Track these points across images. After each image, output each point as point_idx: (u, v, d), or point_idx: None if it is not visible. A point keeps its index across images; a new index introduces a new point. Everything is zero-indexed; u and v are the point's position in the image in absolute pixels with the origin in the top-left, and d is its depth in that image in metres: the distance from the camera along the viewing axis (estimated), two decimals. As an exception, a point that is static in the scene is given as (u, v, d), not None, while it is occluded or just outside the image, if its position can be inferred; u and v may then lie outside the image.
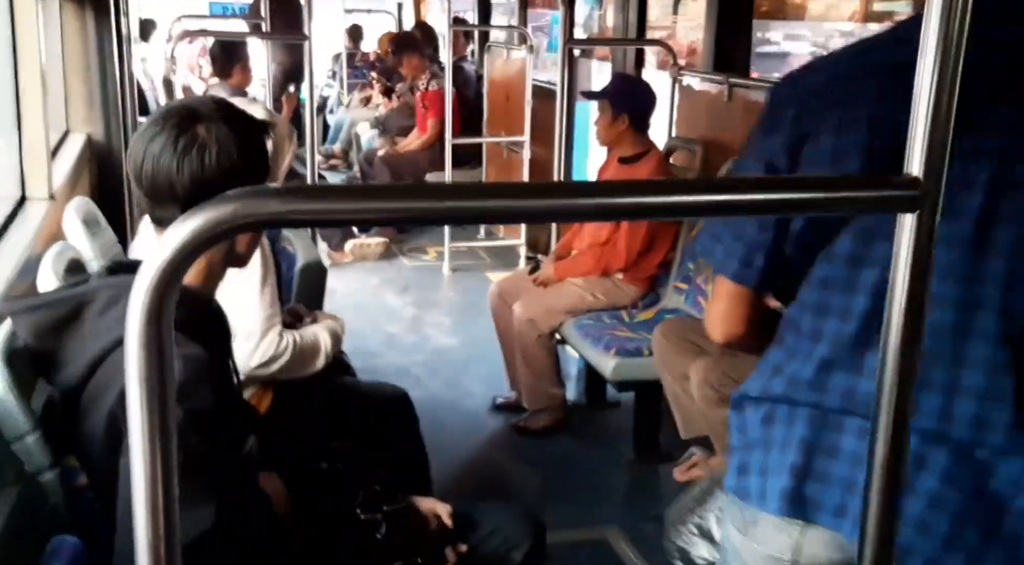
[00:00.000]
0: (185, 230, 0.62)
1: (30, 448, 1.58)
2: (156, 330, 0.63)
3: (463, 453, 3.52)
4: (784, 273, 1.32)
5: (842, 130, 1.21)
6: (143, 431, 0.65)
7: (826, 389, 1.27)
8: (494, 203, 0.69)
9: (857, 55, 1.32)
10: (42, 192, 2.64)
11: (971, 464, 1.20)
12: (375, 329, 4.78)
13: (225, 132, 1.44)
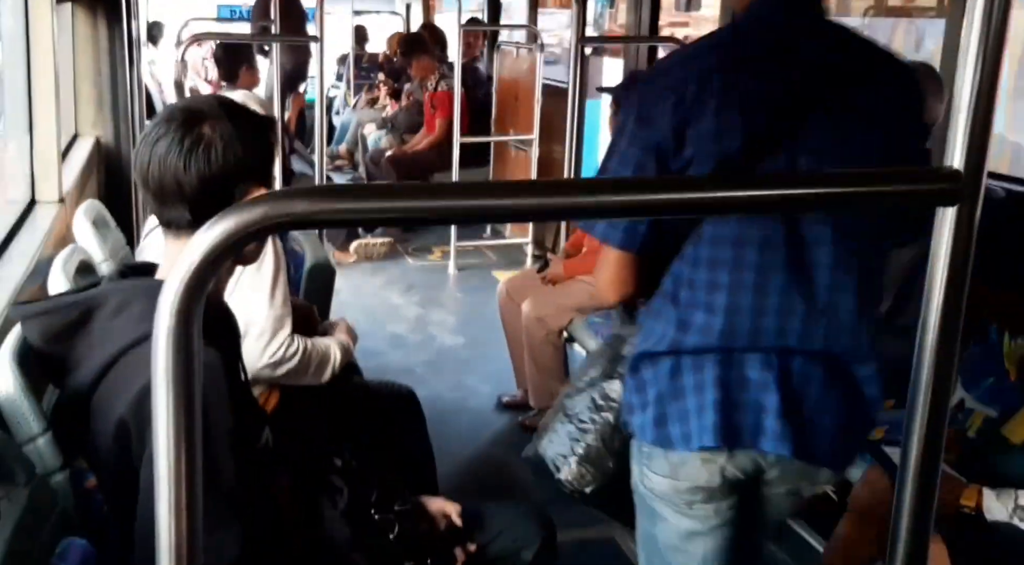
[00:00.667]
0: (215, 233, 0.63)
1: (41, 450, 1.59)
2: (185, 333, 0.64)
3: (469, 452, 3.51)
4: (665, 235, 1.51)
5: (720, 114, 1.44)
6: (169, 434, 0.66)
7: (735, 333, 1.48)
8: (529, 201, 0.69)
9: (714, 52, 1.57)
10: (52, 195, 2.65)
11: (840, 372, 1.54)
12: (380, 329, 4.78)
13: (230, 130, 1.43)
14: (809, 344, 1.50)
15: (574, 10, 4.05)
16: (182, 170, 1.41)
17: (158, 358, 0.64)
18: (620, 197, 0.71)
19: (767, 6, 1.55)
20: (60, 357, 1.47)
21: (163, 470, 0.67)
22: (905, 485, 0.78)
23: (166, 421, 0.66)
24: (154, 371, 0.65)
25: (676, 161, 1.47)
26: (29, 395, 1.58)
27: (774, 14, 1.54)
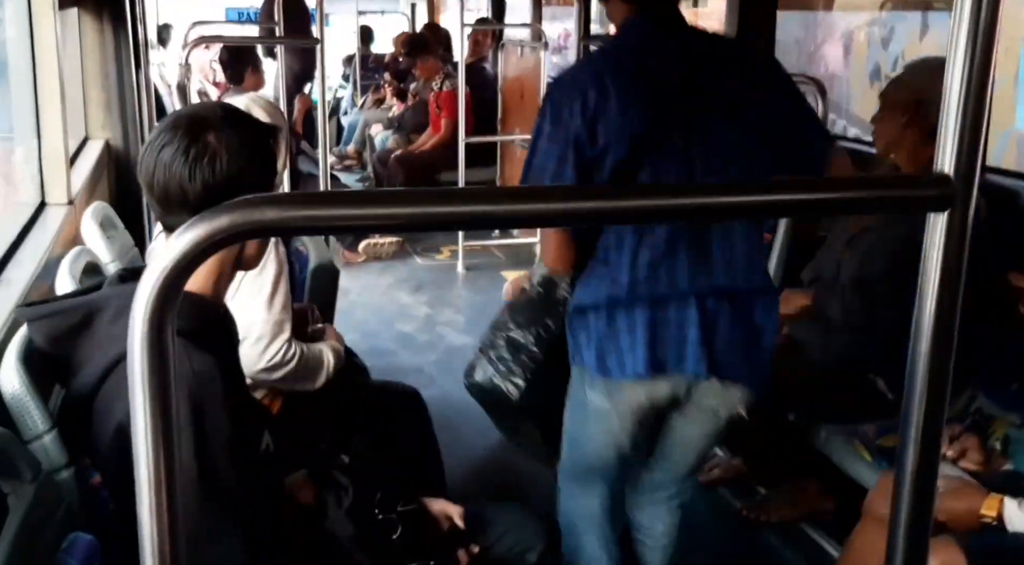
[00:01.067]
0: (185, 239, 0.63)
1: (47, 447, 1.61)
2: (158, 337, 0.64)
3: (476, 453, 3.51)
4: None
5: (621, 110, 1.82)
6: (146, 435, 0.67)
7: (657, 281, 1.88)
8: (479, 207, 0.69)
9: (604, 61, 2.00)
10: (61, 197, 2.67)
11: (742, 305, 1.93)
12: (388, 328, 4.79)
13: (234, 139, 1.45)
14: (716, 285, 1.91)
15: (577, 8, 4.04)
16: (187, 178, 1.42)
17: (133, 365, 0.65)
18: (625, 203, 0.71)
19: (638, 25, 1.96)
20: (65, 358, 1.49)
21: (143, 473, 0.67)
22: (902, 488, 0.78)
23: (143, 427, 0.66)
24: (130, 378, 0.66)
25: (592, 150, 1.84)
26: (35, 394, 1.60)
27: (645, 30, 1.95)
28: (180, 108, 3.34)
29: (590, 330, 1.95)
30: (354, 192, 0.97)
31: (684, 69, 1.92)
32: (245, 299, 2.17)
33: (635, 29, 1.97)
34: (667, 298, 1.89)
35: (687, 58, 1.94)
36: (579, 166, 1.84)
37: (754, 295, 1.96)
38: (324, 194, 0.70)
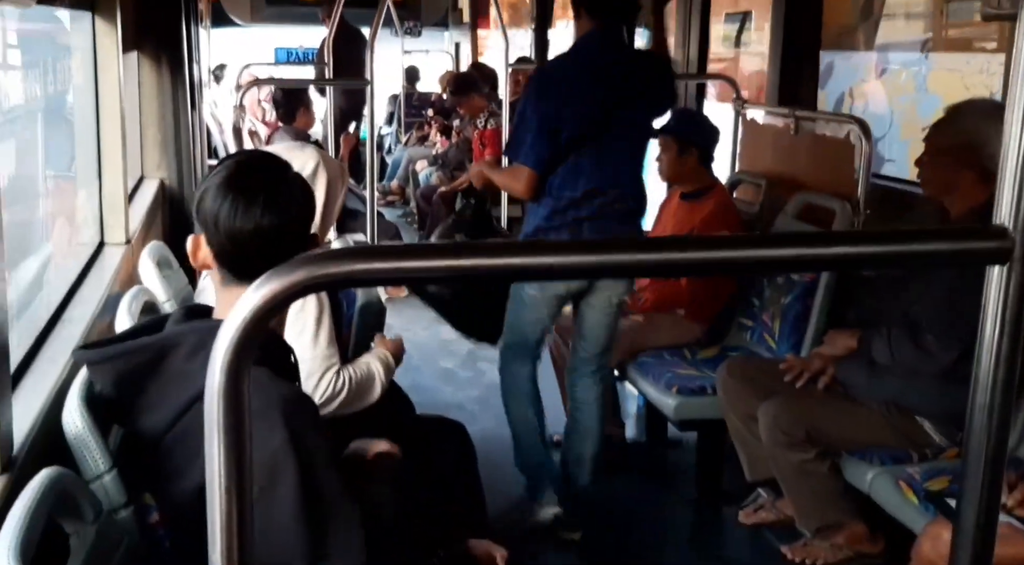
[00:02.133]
0: (260, 295, 0.67)
1: (107, 487, 1.63)
2: (236, 391, 0.68)
3: (518, 491, 3.49)
4: (552, 164, 2.86)
5: (576, 101, 2.81)
6: (220, 479, 0.70)
7: (580, 206, 2.86)
8: (540, 260, 0.72)
9: (572, 62, 2.94)
10: (119, 237, 2.74)
11: (631, 210, 2.96)
12: (431, 364, 4.80)
13: (284, 190, 1.52)
14: (619, 210, 2.92)
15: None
16: (239, 225, 1.47)
17: (211, 416, 0.68)
18: (675, 255, 0.73)
19: (591, 40, 2.90)
20: (129, 399, 1.52)
21: (215, 518, 0.70)
22: (963, 538, 0.78)
23: (218, 473, 0.69)
24: (207, 429, 0.69)
25: (557, 131, 2.81)
26: (96, 434, 1.63)
27: (599, 45, 2.89)
28: (235, 151, 3.41)
29: (536, 237, 2.91)
30: (417, 245, 0.99)
31: (620, 72, 2.89)
32: (290, 337, 2.20)
33: (592, 42, 2.91)
34: (581, 220, 2.89)
35: (622, 65, 2.92)
36: (548, 140, 2.82)
37: (638, 213, 3.02)
38: (388, 248, 0.72)
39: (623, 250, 0.74)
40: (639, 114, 2.98)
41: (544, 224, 2.90)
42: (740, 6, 4.79)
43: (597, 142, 2.86)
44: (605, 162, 2.89)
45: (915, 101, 3.44)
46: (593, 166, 2.87)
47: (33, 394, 1.73)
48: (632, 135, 2.96)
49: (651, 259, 0.73)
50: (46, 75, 2.47)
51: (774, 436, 2.72)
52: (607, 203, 2.90)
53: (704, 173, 3.60)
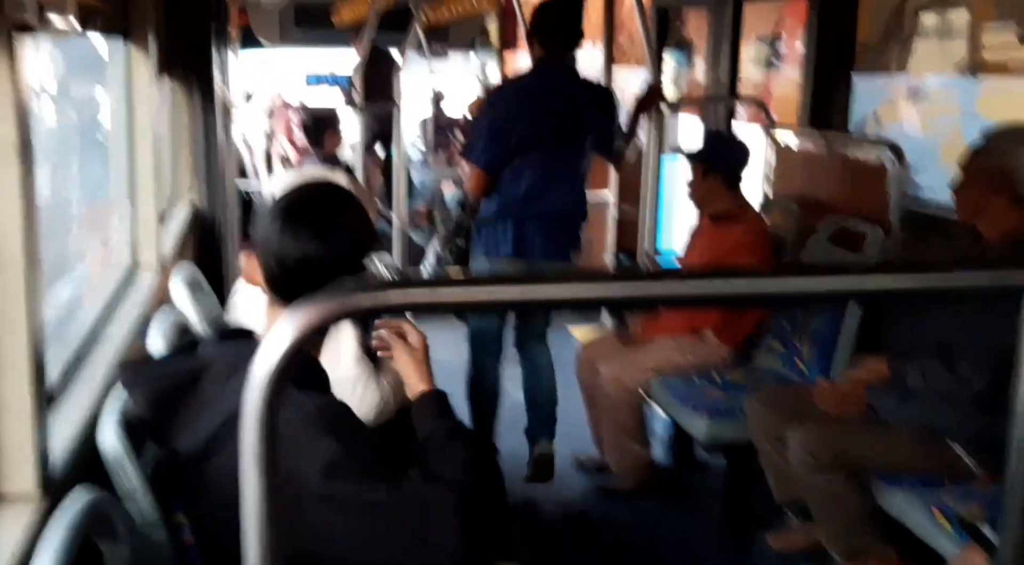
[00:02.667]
0: (294, 323, 0.69)
1: (141, 505, 1.66)
2: (270, 416, 0.70)
3: (545, 513, 3.48)
4: (499, 166, 3.44)
5: (525, 116, 3.40)
6: (257, 503, 0.71)
7: (524, 204, 3.42)
8: (576, 290, 0.72)
9: (521, 84, 3.61)
10: (152, 259, 2.77)
11: (568, 218, 3.58)
12: (456, 385, 4.79)
13: (343, 218, 1.56)
14: (563, 210, 3.53)
15: (649, 71, 4.09)
16: (286, 252, 1.51)
17: (247, 440, 0.70)
18: (707, 286, 0.73)
19: (544, 67, 3.53)
20: (165, 420, 1.54)
21: (252, 538, 0.72)
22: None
23: (255, 503, 0.71)
24: (244, 453, 0.70)
25: (506, 135, 3.40)
26: (131, 453, 1.66)
27: (547, 70, 3.52)
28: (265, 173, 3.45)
29: (485, 231, 3.56)
30: (442, 276, 1.00)
31: (563, 94, 3.52)
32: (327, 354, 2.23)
33: (542, 67, 3.55)
34: (524, 215, 3.48)
35: (566, 88, 3.54)
36: (498, 145, 3.42)
37: (573, 213, 3.61)
38: (420, 280, 0.74)
39: (657, 280, 0.75)
40: (576, 130, 3.53)
41: (493, 216, 3.51)
42: (772, 28, 4.80)
43: (539, 151, 3.45)
44: (545, 169, 3.46)
45: (959, 125, 3.40)
46: (534, 171, 3.46)
47: (69, 414, 1.76)
48: (569, 148, 3.53)
49: (684, 290, 0.74)
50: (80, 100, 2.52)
51: (803, 459, 2.70)
52: (546, 204, 3.49)
53: (732, 196, 3.59)
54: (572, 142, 3.51)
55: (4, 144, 1.35)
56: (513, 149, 3.41)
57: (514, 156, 3.42)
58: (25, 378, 1.43)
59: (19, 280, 1.39)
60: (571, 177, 3.54)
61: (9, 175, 1.36)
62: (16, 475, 1.46)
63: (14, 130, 1.35)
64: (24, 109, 1.38)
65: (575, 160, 3.54)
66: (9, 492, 1.47)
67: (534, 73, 3.59)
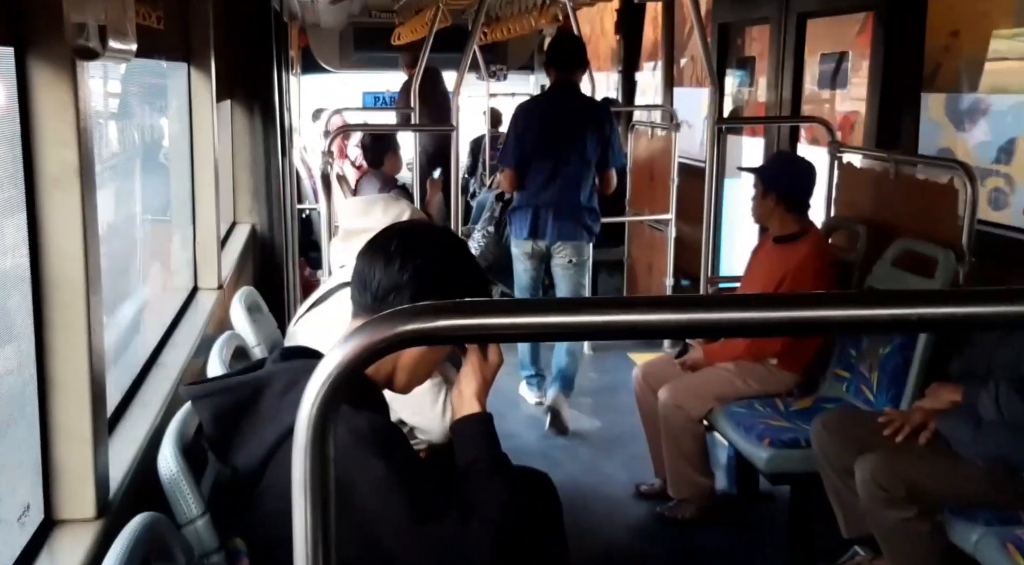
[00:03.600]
0: (348, 348, 0.68)
1: (199, 532, 1.65)
2: (321, 441, 0.69)
3: (604, 542, 3.42)
4: (524, 166, 4.48)
5: (535, 128, 4.45)
6: (305, 523, 0.71)
7: (539, 197, 4.46)
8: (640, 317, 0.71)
9: (535, 102, 4.81)
10: (212, 282, 2.80)
11: (575, 210, 4.50)
12: (514, 410, 4.78)
13: (444, 258, 1.62)
14: (566, 202, 4.43)
15: (710, 92, 4.05)
16: (400, 286, 1.58)
17: (296, 459, 0.69)
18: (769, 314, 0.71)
19: (554, 89, 4.54)
20: (227, 437, 1.55)
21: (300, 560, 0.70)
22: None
23: (303, 520, 0.70)
24: (294, 475, 0.70)
25: (525, 144, 4.41)
26: (190, 478, 1.65)
27: (554, 91, 4.52)
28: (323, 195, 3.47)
29: (515, 217, 4.58)
30: (506, 301, 0.97)
31: (566, 110, 4.45)
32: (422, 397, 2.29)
33: (554, 87, 4.56)
34: (537, 205, 4.45)
35: (568, 106, 4.47)
36: (519, 149, 4.43)
37: (576, 206, 4.46)
38: (478, 303, 0.72)
39: (716, 308, 0.72)
40: (580, 140, 4.45)
41: (520, 205, 4.56)
42: (837, 47, 4.71)
43: (546, 155, 4.45)
44: (552, 169, 4.46)
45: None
46: (543, 171, 4.46)
47: (129, 437, 1.77)
48: (576, 153, 4.46)
49: (748, 318, 0.71)
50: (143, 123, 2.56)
51: (872, 492, 2.61)
52: (552, 197, 4.46)
53: (792, 218, 3.52)
54: (572, 149, 4.44)
55: (66, 169, 1.37)
56: (530, 153, 4.46)
57: (533, 159, 4.46)
58: (85, 403, 1.43)
59: (79, 304, 1.40)
60: (574, 176, 4.46)
61: (70, 199, 1.38)
62: (76, 499, 1.47)
63: (75, 155, 1.37)
64: (86, 134, 1.39)
65: (576, 164, 4.47)
66: (69, 516, 1.47)
67: (545, 94, 4.82)
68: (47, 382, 1.42)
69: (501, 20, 7.18)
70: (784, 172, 3.58)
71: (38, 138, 1.36)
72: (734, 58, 5.65)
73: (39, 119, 1.35)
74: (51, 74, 1.34)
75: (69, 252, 1.39)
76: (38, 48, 1.33)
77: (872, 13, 4.11)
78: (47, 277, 1.39)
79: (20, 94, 1.35)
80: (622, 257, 6.51)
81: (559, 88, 4.50)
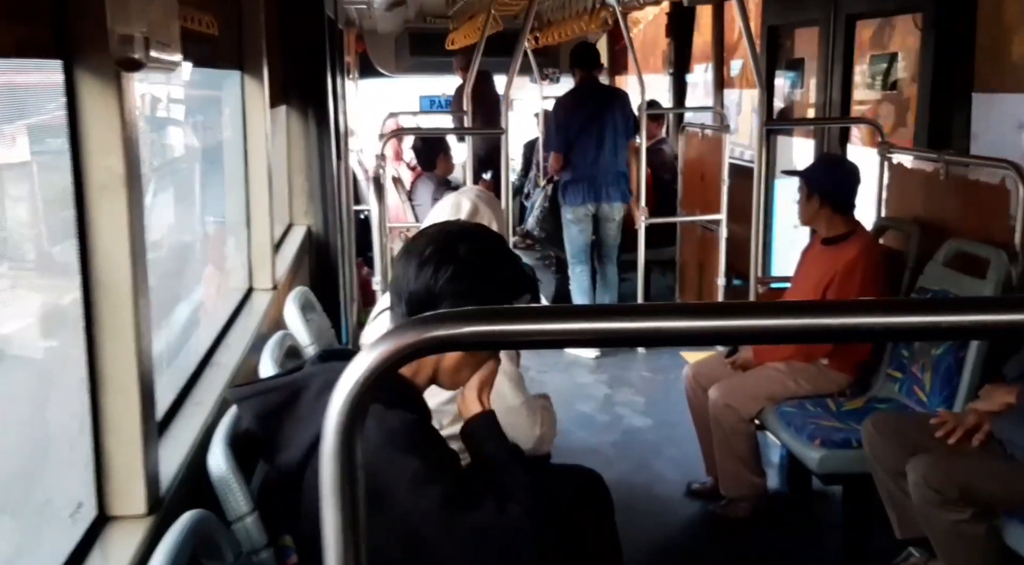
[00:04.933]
0: (376, 353, 0.69)
1: (248, 529, 1.69)
2: (348, 447, 0.70)
3: (656, 540, 3.42)
4: (568, 149, 5.85)
5: (571, 119, 5.84)
6: (337, 535, 0.73)
7: (587, 168, 5.83)
8: (667, 323, 0.70)
9: (569, 97, 6.04)
10: (266, 283, 2.86)
11: (616, 175, 5.92)
12: (567, 408, 4.78)
13: (480, 261, 1.59)
14: (607, 169, 5.82)
15: (759, 94, 4.02)
16: (435, 296, 1.56)
17: (326, 460, 0.70)
18: (821, 320, 0.71)
19: (580, 84, 5.95)
20: (271, 436, 1.59)
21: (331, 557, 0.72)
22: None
23: (333, 522, 0.73)
24: (323, 481, 0.71)
25: (567, 131, 5.80)
26: (239, 476, 1.69)
27: (582, 86, 5.93)
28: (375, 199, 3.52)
29: (568, 188, 5.81)
30: (537, 307, 0.95)
31: (594, 100, 5.80)
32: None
33: (581, 84, 5.89)
34: (588, 175, 5.74)
35: (595, 96, 5.84)
36: (562, 136, 5.78)
37: (617, 173, 5.80)
38: (510, 309, 0.73)
39: (760, 315, 0.72)
40: (608, 125, 5.75)
41: (570, 180, 5.79)
42: (887, 47, 4.63)
43: (593, 134, 5.72)
44: (599, 145, 5.75)
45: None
46: (587, 149, 5.74)
47: (181, 436, 1.82)
48: (609, 130, 5.76)
49: (795, 324, 0.71)
50: (202, 129, 2.63)
51: (925, 494, 2.57)
52: (599, 167, 5.75)
53: (839, 219, 3.49)
54: (606, 128, 5.75)
55: (113, 176, 1.41)
56: (572, 137, 5.73)
57: (574, 141, 5.72)
58: (135, 402, 1.48)
59: (127, 307, 1.45)
60: (612, 149, 5.78)
61: (117, 206, 1.42)
62: (127, 497, 1.52)
63: (122, 163, 1.41)
64: (131, 142, 1.44)
65: (611, 138, 5.77)
66: (121, 513, 1.52)
67: (577, 89, 5.94)
68: (97, 382, 1.47)
69: (552, 25, 7.21)
70: (828, 174, 3.55)
71: (85, 147, 1.40)
72: (783, 60, 5.59)
73: (86, 129, 1.39)
74: (97, 85, 1.38)
75: (117, 257, 1.43)
76: (84, 60, 1.37)
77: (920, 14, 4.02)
78: (96, 280, 1.43)
79: (68, 105, 1.39)
80: (674, 256, 6.48)
81: (586, 83, 5.88)
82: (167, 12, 1.54)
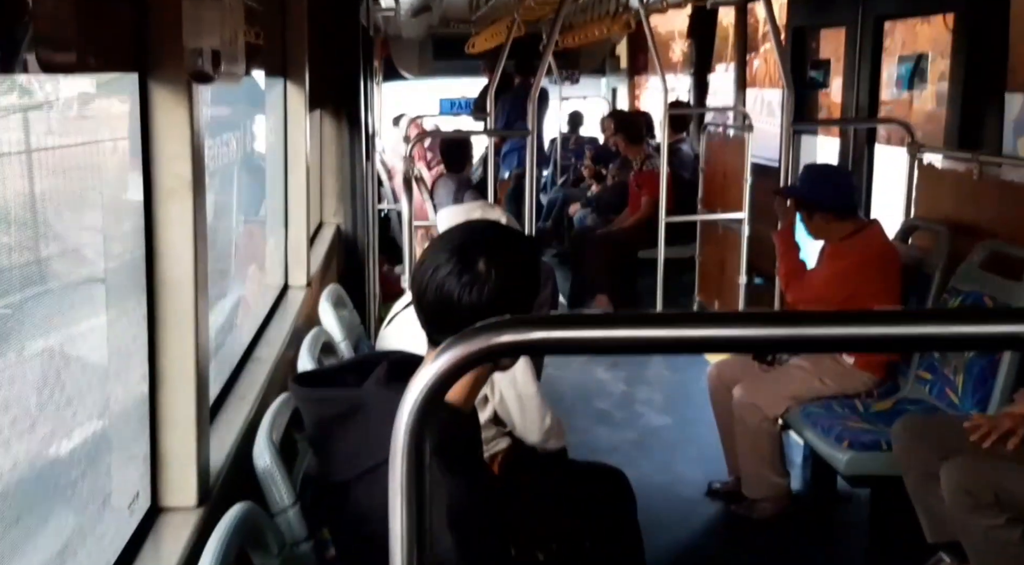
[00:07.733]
0: (440, 363, 0.71)
1: (290, 520, 1.72)
2: (417, 459, 0.73)
3: (676, 540, 3.41)
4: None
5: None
6: (402, 538, 0.74)
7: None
8: (726, 332, 0.71)
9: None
10: (301, 280, 2.90)
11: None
12: (586, 405, 4.78)
13: (504, 266, 1.55)
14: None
15: (785, 94, 4.02)
16: (455, 300, 1.52)
17: (394, 477, 0.73)
18: (850, 330, 0.71)
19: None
20: (323, 441, 1.61)
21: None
22: None
23: (400, 531, 0.74)
24: (391, 487, 0.73)
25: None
26: (283, 469, 1.72)
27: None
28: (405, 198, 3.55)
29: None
30: (599, 315, 0.96)
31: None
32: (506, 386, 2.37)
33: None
34: None
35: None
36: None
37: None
38: (567, 317, 0.74)
39: (804, 324, 0.73)
40: None
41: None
42: (915, 47, 4.63)
43: None
44: None
45: None
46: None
47: (227, 429, 1.85)
48: None
49: (831, 334, 0.72)
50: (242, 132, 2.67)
51: (958, 499, 2.56)
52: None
53: (847, 223, 3.50)
54: None
55: (181, 181, 1.47)
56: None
57: None
58: (191, 396, 1.52)
59: (189, 301, 1.49)
60: None
61: (184, 209, 1.48)
62: (180, 488, 1.55)
63: (189, 169, 1.48)
64: (198, 150, 1.50)
65: None
66: (173, 504, 1.55)
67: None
68: (157, 376, 1.51)
69: (575, 27, 7.23)
70: (821, 187, 3.54)
71: (156, 154, 1.46)
72: (809, 61, 5.59)
73: (157, 137, 1.46)
74: (169, 96, 1.44)
75: (181, 257, 1.48)
76: (159, 73, 1.44)
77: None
78: (160, 279, 1.48)
79: (141, 114, 1.46)
80: (693, 254, 6.49)
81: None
82: (235, 28, 1.59)
